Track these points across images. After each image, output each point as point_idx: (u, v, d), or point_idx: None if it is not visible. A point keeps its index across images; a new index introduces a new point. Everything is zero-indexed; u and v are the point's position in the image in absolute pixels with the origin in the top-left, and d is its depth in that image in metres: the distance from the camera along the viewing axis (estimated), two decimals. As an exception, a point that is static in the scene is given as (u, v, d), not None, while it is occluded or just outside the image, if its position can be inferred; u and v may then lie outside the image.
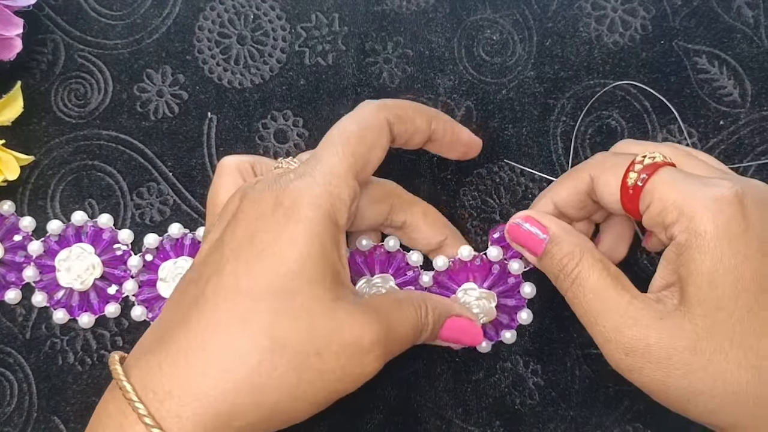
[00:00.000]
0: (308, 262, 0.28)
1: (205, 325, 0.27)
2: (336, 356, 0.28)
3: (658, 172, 0.31)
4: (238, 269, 0.28)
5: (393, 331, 0.30)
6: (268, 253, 0.28)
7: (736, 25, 0.40)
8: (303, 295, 0.28)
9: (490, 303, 0.37)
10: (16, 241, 0.38)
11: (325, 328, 0.28)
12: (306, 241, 0.28)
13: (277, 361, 0.27)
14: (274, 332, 0.27)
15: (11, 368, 0.37)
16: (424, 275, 0.37)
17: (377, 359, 0.29)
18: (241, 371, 0.27)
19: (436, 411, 0.38)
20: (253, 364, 0.27)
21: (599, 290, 0.31)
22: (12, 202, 0.38)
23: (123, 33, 0.40)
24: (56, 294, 0.38)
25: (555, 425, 0.38)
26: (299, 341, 0.27)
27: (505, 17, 0.40)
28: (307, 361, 0.27)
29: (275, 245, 0.28)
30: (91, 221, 0.38)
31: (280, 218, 0.28)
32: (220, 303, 0.28)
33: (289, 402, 0.28)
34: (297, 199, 0.29)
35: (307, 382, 0.27)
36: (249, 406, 0.27)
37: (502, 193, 0.39)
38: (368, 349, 0.29)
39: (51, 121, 0.39)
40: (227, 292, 0.28)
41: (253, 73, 0.40)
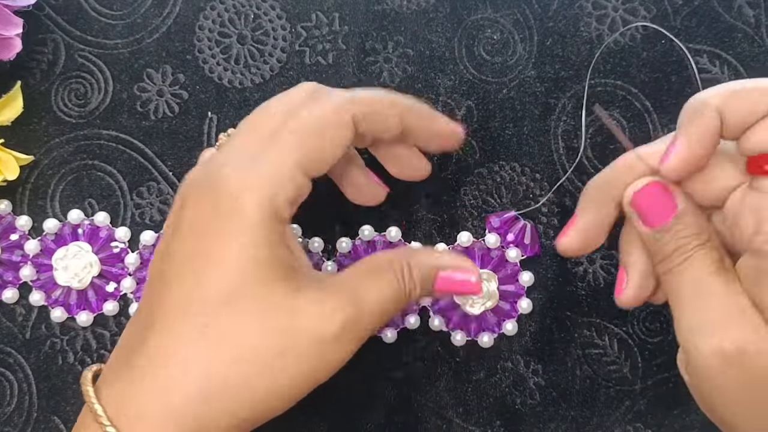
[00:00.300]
0: (255, 263, 0.27)
1: (165, 344, 0.27)
2: (299, 353, 0.27)
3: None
4: (186, 282, 0.27)
5: (365, 309, 0.29)
6: (214, 261, 0.27)
7: (737, 24, 0.40)
8: (255, 297, 0.27)
9: (491, 285, 0.37)
10: (13, 240, 0.38)
11: (283, 327, 0.27)
12: (250, 243, 0.27)
13: (241, 368, 0.27)
14: (233, 339, 0.27)
15: (11, 368, 0.37)
16: None
17: (348, 344, 0.28)
18: (209, 383, 0.26)
19: (436, 411, 0.38)
20: (218, 374, 0.26)
21: (699, 285, 0.28)
22: (9, 202, 0.38)
23: (123, 33, 0.40)
24: (54, 293, 0.38)
25: (556, 425, 0.38)
26: (259, 344, 0.27)
27: (506, 17, 0.40)
28: (272, 363, 0.27)
29: (220, 251, 0.27)
30: (88, 219, 0.38)
31: (222, 222, 0.27)
32: (177, 318, 0.27)
33: (263, 403, 0.27)
34: (237, 200, 0.27)
35: (276, 383, 0.27)
36: (222, 415, 0.26)
37: (503, 193, 0.39)
38: (334, 338, 0.27)
39: (51, 121, 0.39)
40: (180, 306, 0.27)
41: (253, 73, 0.40)
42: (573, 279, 0.38)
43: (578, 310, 0.38)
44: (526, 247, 0.38)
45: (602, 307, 0.38)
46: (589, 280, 0.38)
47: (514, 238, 0.38)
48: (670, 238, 0.29)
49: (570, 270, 0.38)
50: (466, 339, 0.38)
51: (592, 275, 0.38)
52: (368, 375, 0.38)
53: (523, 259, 0.38)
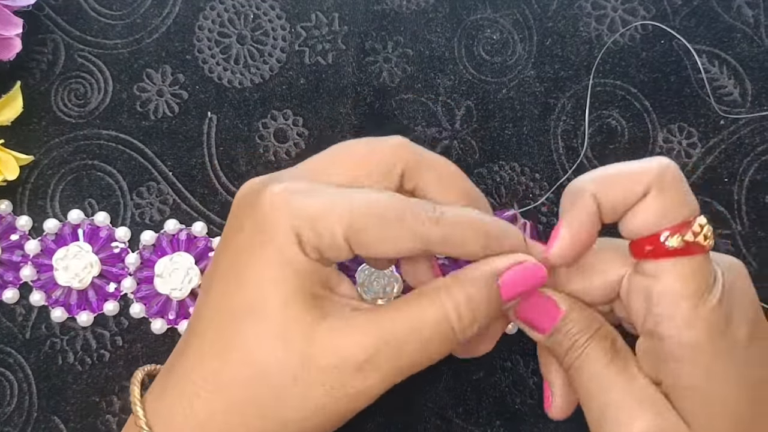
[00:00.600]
0: (280, 285, 0.26)
1: (193, 356, 0.27)
2: (314, 380, 0.26)
3: (695, 256, 0.27)
4: (218, 294, 0.28)
5: (394, 343, 0.26)
6: (247, 275, 0.27)
7: (737, 24, 0.40)
8: (276, 319, 0.26)
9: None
10: (13, 241, 0.38)
11: (298, 353, 0.26)
12: (281, 262, 0.26)
13: (257, 390, 0.26)
14: (254, 358, 0.26)
15: (11, 368, 0.37)
16: None
17: (370, 378, 0.26)
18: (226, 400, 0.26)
19: (436, 410, 0.38)
20: (234, 392, 0.26)
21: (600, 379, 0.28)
22: (9, 202, 0.38)
23: (123, 33, 0.40)
24: (54, 293, 0.38)
25: (555, 425, 0.38)
26: (277, 366, 0.26)
27: (506, 17, 0.40)
28: (287, 387, 0.26)
29: (254, 267, 0.27)
30: (88, 219, 0.38)
31: (257, 239, 0.27)
32: (206, 330, 0.27)
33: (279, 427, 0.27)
34: (274, 223, 0.27)
35: (292, 409, 0.26)
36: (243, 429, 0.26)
37: (502, 193, 0.39)
38: (355, 368, 0.26)
39: (51, 121, 0.39)
40: (210, 318, 0.28)
41: (253, 73, 0.40)
42: (572, 279, 0.38)
43: (578, 309, 0.38)
44: None
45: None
46: (589, 279, 0.38)
47: None
48: (563, 338, 0.29)
49: (569, 270, 0.39)
50: None
51: (592, 275, 0.38)
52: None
53: None
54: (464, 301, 0.27)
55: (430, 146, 0.39)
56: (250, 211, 0.28)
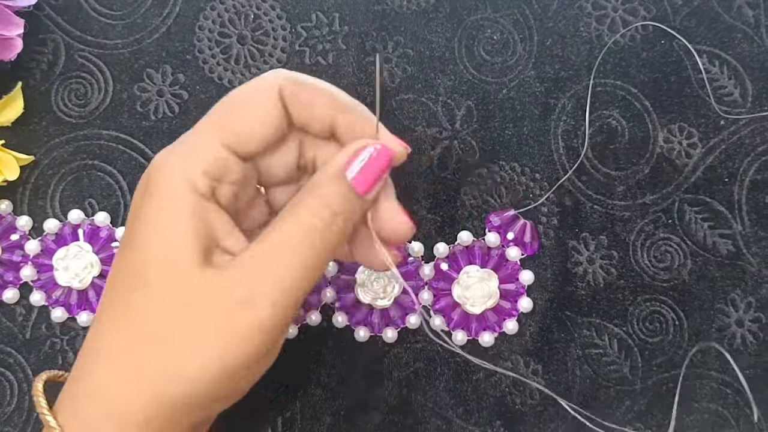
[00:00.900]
0: (167, 246, 0.26)
1: (94, 329, 0.28)
2: (202, 325, 0.26)
3: None
4: (115, 265, 0.28)
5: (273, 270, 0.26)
6: (134, 245, 0.27)
7: (737, 24, 0.40)
8: (158, 275, 0.26)
9: (491, 284, 0.38)
10: (13, 241, 0.38)
11: (183, 300, 0.26)
12: (164, 222, 0.26)
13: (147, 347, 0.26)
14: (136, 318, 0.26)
15: (11, 368, 0.37)
16: (425, 267, 0.38)
17: (259, 309, 0.26)
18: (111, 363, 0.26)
19: (436, 411, 0.38)
20: (127, 360, 0.26)
21: None
22: (9, 202, 0.38)
23: (123, 33, 0.40)
24: (54, 293, 0.38)
25: (556, 425, 0.38)
26: (157, 325, 0.26)
27: (506, 17, 0.40)
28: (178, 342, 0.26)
29: (138, 235, 0.27)
30: (88, 219, 0.38)
31: (144, 201, 0.27)
32: (104, 304, 0.28)
33: (177, 386, 0.26)
34: (155, 178, 0.27)
35: (186, 365, 0.26)
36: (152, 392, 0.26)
37: (503, 193, 0.39)
38: (240, 304, 0.26)
39: (51, 121, 0.39)
40: (107, 291, 0.28)
41: (253, 73, 0.40)
42: (573, 279, 0.38)
43: (578, 310, 0.38)
44: (526, 245, 0.38)
45: (602, 307, 0.38)
46: (589, 280, 0.38)
47: (514, 237, 0.38)
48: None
49: (570, 270, 0.38)
50: (467, 338, 0.38)
51: (592, 275, 0.38)
52: (368, 375, 0.38)
53: (523, 258, 0.38)
54: (319, 204, 0.27)
55: (430, 146, 0.39)
56: (140, 182, 0.28)
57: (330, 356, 0.38)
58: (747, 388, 0.37)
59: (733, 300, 0.38)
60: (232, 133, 0.28)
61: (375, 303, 0.38)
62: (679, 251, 0.39)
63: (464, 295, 0.38)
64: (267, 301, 0.26)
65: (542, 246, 0.39)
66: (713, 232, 0.39)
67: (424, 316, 0.34)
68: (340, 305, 0.38)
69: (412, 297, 0.38)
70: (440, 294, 0.38)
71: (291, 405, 0.37)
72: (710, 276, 0.38)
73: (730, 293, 0.38)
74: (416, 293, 0.38)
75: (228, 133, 0.28)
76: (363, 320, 0.38)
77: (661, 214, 0.39)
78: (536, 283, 0.38)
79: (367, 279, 0.38)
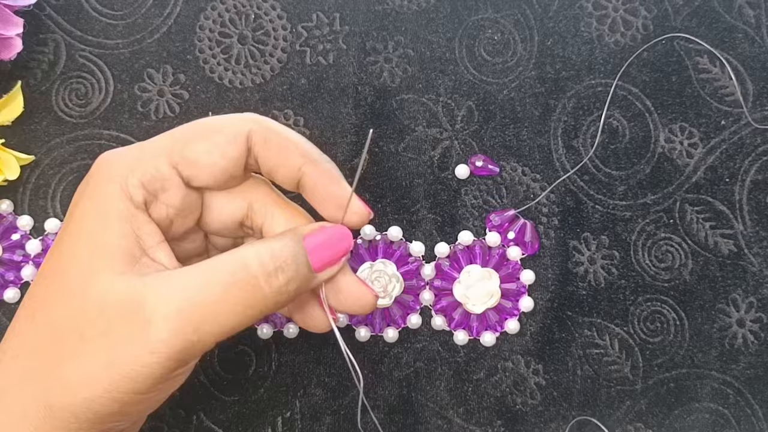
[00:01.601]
0: (87, 244, 0.26)
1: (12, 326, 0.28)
2: (107, 330, 0.25)
3: None
4: (50, 253, 0.28)
5: (200, 304, 0.25)
6: (62, 239, 0.27)
7: (738, 24, 0.40)
8: (76, 278, 0.26)
9: (493, 282, 0.38)
10: (14, 240, 0.38)
11: (92, 305, 0.25)
12: (93, 221, 0.27)
13: (49, 353, 0.26)
14: (51, 319, 0.26)
15: (12, 368, 0.37)
16: (426, 267, 0.38)
17: (162, 332, 0.24)
18: (21, 368, 0.26)
19: (437, 410, 0.38)
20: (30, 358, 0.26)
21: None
22: (10, 201, 0.38)
23: (124, 33, 0.40)
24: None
25: (556, 425, 0.38)
26: (65, 323, 0.25)
27: (506, 17, 0.40)
28: (75, 346, 0.25)
29: (69, 229, 0.27)
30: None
31: (79, 200, 0.28)
32: (29, 290, 0.28)
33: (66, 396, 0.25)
34: (95, 179, 0.28)
35: (76, 371, 0.25)
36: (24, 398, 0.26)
37: (503, 193, 0.39)
38: (144, 322, 0.25)
39: (52, 121, 0.39)
40: (36, 282, 0.28)
41: (254, 73, 0.40)
42: (573, 279, 0.38)
43: (579, 310, 0.38)
44: (527, 245, 0.38)
45: (603, 307, 0.38)
46: (590, 280, 0.38)
47: (515, 237, 0.38)
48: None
49: (571, 270, 0.38)
50: (468, 338, 0.38)
51: (593, 275, 0.38)
52: (368, 375, 0.38)
53: (524, 258, 0.38)
54: (266, 251, 0.27)
55: (430, 146, 0.39)
56: (84, 184, 0.28)
57: (330, 356, 0.38)
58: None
59: (735, 300, 0.38)
60: (182, 155, 0.28)
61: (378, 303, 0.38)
62: (680, 251, 0.39)
63: (465, 295, 0.38)
64: (167, 325, 0.25)
65: (543, 246, 0.39)
66: (714, 232, 0.39)
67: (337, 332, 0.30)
68: None
69: (410, 297, 0.38)
70: (441, 294, 0.38)
71: (291, 405, 0.37)
72: (711, 276, 0.38)
73: (732, 293, 0.38)
74: (417, 293, 0.38)
75: (179, 155, 0.28)
76: (364, 320, 0.38)
77: (662, 213, 0.39)
78: (537, 283, 0.38)
79: (367, 278, 0.38)
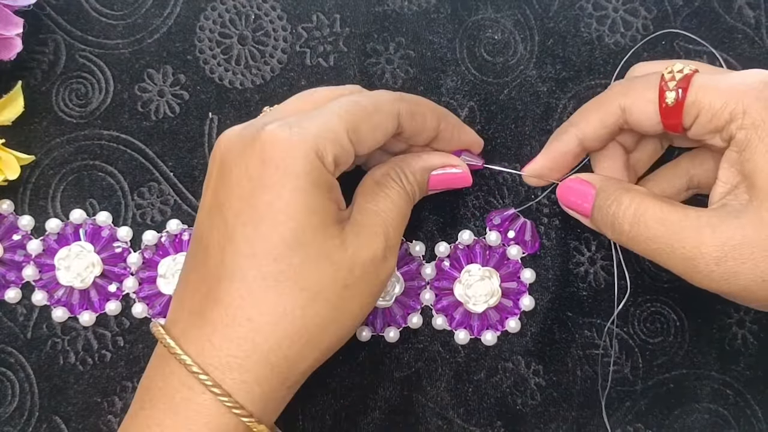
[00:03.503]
0: (308, 211, 0.29)
1: (242, 293, 0.28)
2: (360, 280, 0.30)
3: (693, 82, 0.31)
4: (248, 234, 0.29)
5: (393, 227, 0.32)
6: (272, 213, 0.29)
7: (738, 25, 0.40)
8: (315, 243, 0.29)
9: (493, 282, 0.38)
10: (15, 240, 0.38)
11: (344, 262, 0.30)
12: (302, 192, 0.29)
13: (317, 308, 0.29)
14: (305, 284, 0.29)
15: (12, 368, 0.37)
16: (427, 267, 0.38)
17: (392, 258, 0.32)
18: (291, 328, 0.29)
19: (437, 411, 0.38)
20: (298, 318, 0.29)
21: (663, 218, 0.31)
22: (11, 202, 0.38)
23: (124, 33, 0.40)
24: (56, 292, 0.38)
25: (557, 425, 0.38)
26: (328, 283, 0.29)
27: (507, 17, 0.40)
28: (342, 296, 0.30)
29: (276, 204, 0.29)
30: (90, 219, 0.38)
31: (271, 174, 0.29)
32: (246, 271, 0.29)
33: (336, 335, 0.30)
34: (287, 152, 0.29)
35: (347, 313, 0.30)
36: (309, 351, 0.29)
37: (505, 194, 0.39)
38: (382, 258, 0.31)
39: (52, 121, 0.39)
40: (247, 258, 0.29)
41: (254, 74, 0.40)
42: (574, 279, 0.38)
43: (579, 310, 0.38)
44: (527, 244, 0.38)
45: (603, 308, 0.38)
46: (590, 280, 0.39)
47: (515, 236, 0.38)
48: (603, 214, 0.33)
49: (571, 271, 0.39)
50: (470, 337, 0.38)
51: (593, 276, 0.39)
52: (369, 375, 0.38)
53: (524, 257, 0.38)
54: (406, 185, 0.34)
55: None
56: (250, 153, 0.29)
57: (331, 357, 0.38)
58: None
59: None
60: (356, 133, 0.31)
61: (377, 303, 0.38)
62: (680, 252, 0.39)
63: (466, 294, 0.38)
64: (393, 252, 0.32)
65: (544, 246, 0.39)
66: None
67: None
68: None
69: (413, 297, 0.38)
70: (442, 293, 0.38)
71: (292, 406, 0.37)
72: (711, 276, 0.39)
73: (731, 294, 0.38)
74: (418, 293, 0.38)
75: (353, 133, 0.31)
76: (365, 320, 0.38)
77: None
78: (537, 284, 0.38)
79: None
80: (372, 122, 0.31)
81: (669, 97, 0.31)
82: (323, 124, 0.30)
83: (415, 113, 0.33)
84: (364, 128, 0.31)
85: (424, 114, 0.34)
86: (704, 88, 0.31)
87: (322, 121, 0.30)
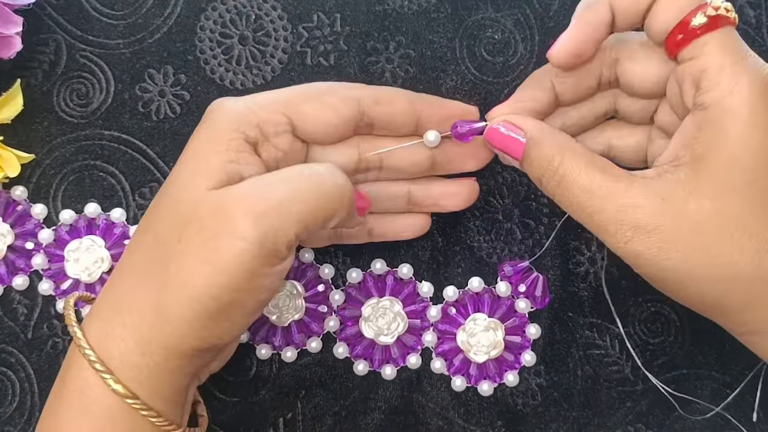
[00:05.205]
0: (193, 159, 0.30)
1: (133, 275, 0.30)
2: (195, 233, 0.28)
3: (723, 28, 0.29)
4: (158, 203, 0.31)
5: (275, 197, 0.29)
6: (178, 163, 0.31)
7: (738, 25, 0.40)
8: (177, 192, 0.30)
9: (497, 334, 0.37)
10: (28, 228, 0.38)
11: (187, 212, 0.29)
12: (203, 140, 0.31)
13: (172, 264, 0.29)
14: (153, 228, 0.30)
15: (13, 368, 0.37)
16: (432, 309, 0.38)
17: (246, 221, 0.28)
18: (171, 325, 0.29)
19: (437, 411, 0.38)
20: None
21: (589, 186, 0.29)
22: (24, 188, 0.38)
23: (125, 33, 0.40)
24: (63, 284, 0.38)
25: (557, 426, 0.38)
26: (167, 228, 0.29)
27: (507, 17, 0.40)
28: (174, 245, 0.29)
29: (183, 155, 0.31)
30: (105, 215, 0.38)
31: (195, 132, 0.31)
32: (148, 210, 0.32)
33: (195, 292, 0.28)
34: (211, 115, 0.31)
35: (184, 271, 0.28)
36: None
37: (504, 194, 0.39)
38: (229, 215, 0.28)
39: (53, 121, 0.39)
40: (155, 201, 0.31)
41: (254, 74, 0.40)
42: (575, 280, 0.38)
43: (580, 311, 0.38)
44: (537, 299, 0.38)
45: (604, 308, 0.38)
46: (591, 280, 0.39)
47: (526, 290, 0.38)
48: (532, 166, 0.32)
49: (572, 271, 0.39)
50: (466, 385, 0.37)
51: (594, 276, 0.38)
52: (369, 375, 0.38)
53: (532, 312, 0.38)
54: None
55: (431, 147, 0.39)
56: (202, 120, 0.32)
57: (331, 357, 0.38)
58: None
59: (735, 300, 0.38)
60: (298, 109, 0.32)
61: (378, 339, 0.37)
62: (681, 252, 0.39)
63: (468, 342, 0.37)
64: (249, 215, 0.28)
65: (544, 246, 0.39)
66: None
67: None
68: (342, 336, 0.38)
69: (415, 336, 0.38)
70: (444, 337, 0.38)
71: (292, 406, 0.38)
72: (711, 276, 0.38)
73: (732, 294, 0.38)
74: (420, 334, 0.38)
75: (294, 108, 0.32)
76: (363, 354, 0.38)
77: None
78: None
79: (372, 314, 0.37)
80: (322, 101, 0.32)
81: (696, 20, 0.29)
82: (264, 96, 0.32)
83: (380, 98, 0.33)
84: (311, 105, 0.32)
85: (390, 98, 0.34)
86: (723, 42, 0.29)
87: (265, 95, 0.32)
